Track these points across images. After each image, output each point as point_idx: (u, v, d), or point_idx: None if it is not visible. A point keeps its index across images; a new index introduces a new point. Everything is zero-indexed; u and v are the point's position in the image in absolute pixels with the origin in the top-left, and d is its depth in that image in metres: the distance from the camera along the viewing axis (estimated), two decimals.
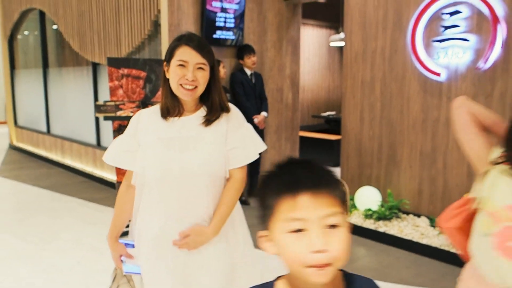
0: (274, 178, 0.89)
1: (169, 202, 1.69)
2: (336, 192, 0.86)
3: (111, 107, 3.99)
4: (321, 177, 0.86)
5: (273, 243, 0.89)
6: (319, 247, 0.81)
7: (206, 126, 1.70)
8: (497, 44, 3.80)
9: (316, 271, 0.82)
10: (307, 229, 0.83)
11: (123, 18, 5.34)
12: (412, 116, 4.43)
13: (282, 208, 0.84)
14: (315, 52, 8.55)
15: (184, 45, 1.66)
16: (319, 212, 0.82)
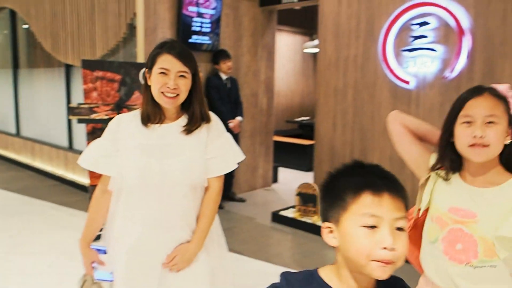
0: (353, 176, 0.96)
1: (147, 210, 1.67)
2: (406, 199, 0.95)
3: (85, 110, 3.97)
4: (397, 182, 0.96)
5: (336, 235, 0.96)
6: (389, 244, 0.89)
7: (187, 135, 1.70)
8: (462, 55, 3.97)
9: (380, 266, 0.89)
10: (379, 226, 0.90)
11: (98, 20, 5.31)
12: (383, 122, 4.57)
13: (361, 203, 0.92)
14: (290, 58, 8.68)
15: (166, 53, 1.64)
16: (394, 213, 0.91)
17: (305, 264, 3.76)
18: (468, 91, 1.41)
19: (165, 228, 1.68)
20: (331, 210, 0.97)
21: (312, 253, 4.00)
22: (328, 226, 0.98)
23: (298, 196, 4.68)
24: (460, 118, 1.36)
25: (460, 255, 1.36)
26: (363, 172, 0.97)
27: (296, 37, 8.73)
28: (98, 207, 1.77)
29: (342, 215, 0.95)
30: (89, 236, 1.79)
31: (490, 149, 1.32)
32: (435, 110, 4.21)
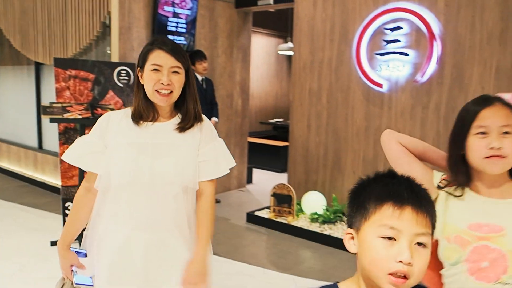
0: (378, 185, 0.94)
1: (136, 210, 1.60)
2: (432, 215, 0.92)
3: (58, 109, 3.89)
4: (424, 197, 0.93)
5: (356, 243, 0.95)
6: (406, 258, 0.86)
7: (180, 133, 1.65)
8: (433, 59, 4.09)
9: (393, 280, 0.87)
10: (398, 239, 0.88)
11: (70, 17, 5.21)
12: (356, 124, 4.66)
13: (381, 214, 0.90)
14: (264, 60, 8.72)
15: (157, 49, 1.60)
16: (415, 228, 0.88)
17: (281, 264, 3.79)
18: (477, 101, 1.34)
19: (154, 230, 1.60)
20: (355, 217, 0.96)
21: (288, 253, 4.04)
22: (349, 232, 0.98)
23: (273, 196, 4.71)
24: (472, 129, 1.30)
25: (488, 273, 1.27)
26: (391, 182, 0.94)
27: (270, 39, 8.79)
28: (80, 207, 1.69)
29: (363, 223, 0.93)
30: (69, 238, 1.69)
31: (507, 160, 1.27)
32: (406, 113, 4.33)
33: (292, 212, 4.63)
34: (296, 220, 4.63)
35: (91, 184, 1.65)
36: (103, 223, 1.63)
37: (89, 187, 1.66)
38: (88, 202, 1.67)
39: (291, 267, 3.75)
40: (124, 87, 4.52)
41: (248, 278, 3.53)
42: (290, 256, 3.98)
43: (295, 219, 4.63)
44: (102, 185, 1.62)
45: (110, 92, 4.45)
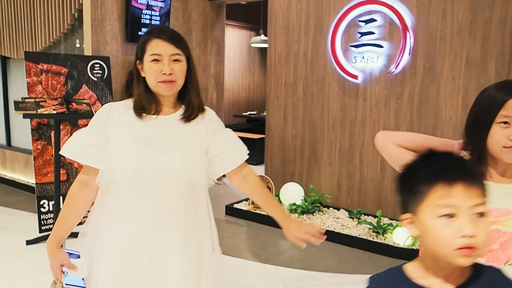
0: (425, 167, 0.97)
1: (140, 207, 1.52)
2: (483, 184, 0.94)
3: (31, 104, 3.77)
4: (470, 169, 0.95)
5: (416, 226, 0.98)
6: (469, 232, 0.89)
7: (184, 124, 1.58)
8: (406, 51, 4.20)
9: (462, 254, 0.90)
10: (457, 215, 0.90)
11: (39, 10, 5.05)
12: (332, 115, 4.73)
13: (435, 195, 0.92)
14: (236, 52, 8.70)
15: (155, 38, 1.52)
16: (471, 201, 0.90)
17: (262, 255, 3.83)
18: (503, 88, 1.32)
19: (157, 228, 1.52)
20: (408, 202, 0.99)
21: (268, 243, 4.08)
22: (407, 217, 1.00)
23: None
24: (497, 118, 1.30)
25: (498, 255, 1.31)
26: (435, 161, 0.97)
27: (242, 31, 8.77)
28: (74, 203, 1.58)
29: (419, 206, 0.96)
30: (60, 235, 1.58)
31: None
32: (380, 103, 4.43)
33: None
34: None
35: (88, 178, 1.56)
36: (104, 220, 1.55)
37: (86, 181, 1.57)
38: (84, 197, 1.58)
39: (273, 258, 3.79)
40: (98, 81, 4.43)
41: (232, 270, 3.55)
42: (271, 247, 4.02)
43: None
44: (103, 181, 1.54)
45: (84, 86, 4.35)
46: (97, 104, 4.42)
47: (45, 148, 4.18)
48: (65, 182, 4.24)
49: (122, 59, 4.89)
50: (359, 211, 4.47)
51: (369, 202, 4.56)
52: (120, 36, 4.81)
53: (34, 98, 3.89)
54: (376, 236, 4.05)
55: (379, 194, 4.49)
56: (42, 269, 3.45)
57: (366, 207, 4.56)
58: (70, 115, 3.90)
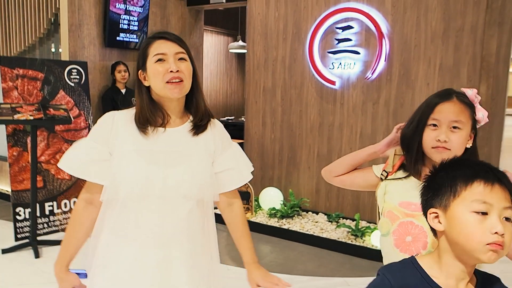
0: (461, 168, 1.02)
1: (146, 225, 1.43)
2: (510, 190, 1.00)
3: (6, 110, 3.70)
4: (504, 176, 1.01)
5: (442, 221, 1.02)
6: (500, 230, 0.94)
7: (193, 137, 1.49)
8: (382, 58, 4.30)
9: (492, 248, 0.95)
10: (489, 213, 0.96)
11: (14, 13, 4.96)
12: (310, 120, 4.80)
13: (473, 191, 0.98)
14: (214, 58, 8.72)
15: (157, 39, 1.46)
16: (504, 203, 0.97)
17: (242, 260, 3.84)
18: (438, 94, 1.44)
19: (164, 247, 1.44)
20: (438, 197, 1.04)
21: None
22: (433, 212, 1.05)
23: None
24: (429, 121, 1.41)
25: (410, 247, 1.41)
26: (473, 164, 1.04)
27: (219, 37, 8.80)
28: (81, 222, 1.50)
29: (452, 201, 1.01)
30: (68, 258, 1.51)
31: (452, 152, 1.38)
32: (357, 108, 4.52)
33: (250, 208, 4.70)
34: (254, 216, 4.70)
35: (92, 196, 1.48)
36: (108, 239, 1.47)
37: (90, 199, 1.49)
38: (89, 216, 1.49)
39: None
40: (75, 86, 4.39)
41: None
42: None
43: (253, 215, 4.71)
44: (107, 197, 1.44)
45: (61, 91, 4.30)
46: (75, 109, 4.37)
47: (21, 154, 4.11)
48: (41, 189, 4.16)
49: (100, 64, 4.85)
50: (338, 214, 4.54)
51: (347, 205, 4.64)
52: (98, 41, 4.77)
53: (10, 104, 3.82)
54: (355, 239, 4.13)
55: (357, 198, 4.57)
56: (18, 278, 3.39)
57: (344, 211, 4.64)
58: (47, 120, 3.84)
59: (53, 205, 4.27)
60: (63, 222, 4.30)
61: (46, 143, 4.21)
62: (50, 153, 4.22)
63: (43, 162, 4.17)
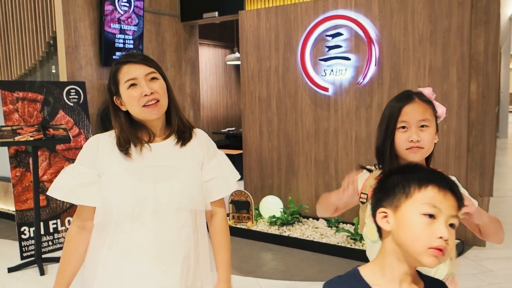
0: (415, 172, 1.06)
1: (141, 242, 1.43)
2: (459, 199, 1.03)
3: (8, 132, 3.82)
4: (456, 185, 1.05)
5: (391, 220, 1.04)
6: (445, 235, 0.96)
7: (181, 148, 1.50)
8: (372, 62, 4.37)
9: (433, 253, 0.97)
10: (437, 218, 0.99)
11: (13, 38, 5.11)
12: (306, 127, 4.87)
13: (426, 194, 1.01)
14: (212, 70, 8.85)
15: (124, 64, 1.45)
16: (452, 210, 1.00)
17: (244, 268, 3.89)
18: (400, 98, 1.50)
19: (161, 262, 1.44)
20: (389, 197, 1.05)
21: (249, 257, 4.15)
22: (383, 211, 1.06)
23: (231, 203, 4.82)
24: (398, 124, 1.47)
25: None
26: (427, 170, 1.09)
27: (217, 50, 8.93)
28: (74, 248, 1.49)
29: (404, 201, 1.02)
30: (64, 283, 1.51)
31: (425, 150, 1.46)
32: (351, 113, 4.58)
33: (251, 217, 4.75)
34: (255, 225, 4.76)
35: (84, 222, 1.49)
36: (106, 260, 1.46)
37: (82, 224, 1.49)
38: (83, 241, 1.50)
39: (254, 270, 3.86)
40: (74, 106, 4.50)
41: None
42: (252, 260, 4.09)
43: (254, 224, 4.76)
44: (99, 219, 1.45)
45: (60, 112, 4.42)
46: (74, 128, 4.48)
47: (23, 174, 4.21)
48: (45, 208, 4.26)
49: (98, 83, 4.97)
50: (337, 219, 4.58)
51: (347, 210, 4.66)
52: (94, 61, 4.90)
53: (11, 126, 3.94)
54: (354, 243, 4.16)
55: None
56: None
57: (343, 215, 4.65)
58: (47, 141, 3.95)
59: (57, 223, 4.36)
60: None
61: (48, 162, 4.32)
62: (52, 172, 4.33)
63: (45, 181, 4.27)
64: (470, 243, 4.21)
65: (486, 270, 3.71)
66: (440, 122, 1.61)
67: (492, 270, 3.71)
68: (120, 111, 1.49)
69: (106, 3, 4.77)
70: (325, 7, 4.60)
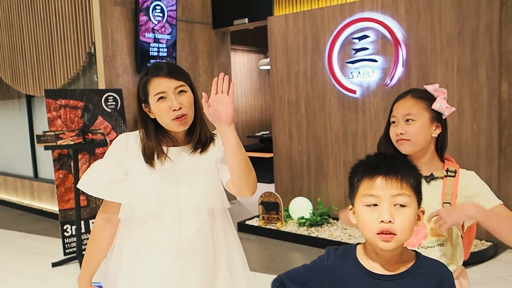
0: (360, 165, 1.15)
1: (163, 240, 1.53)
2: (405, 178, 1.07)
3: (51, 137, 4.12)
4: (394, 165, 1.09)
5: (355, 215, 1.14)
6: (385, 218, 1.03)
7: (201, 154, 1.59)
8: (399, 63, 4.38)
9: (382, 238, 1.04)
10: (379, 204, 1.06)
11: (57, 50, 5.47)
12: (334, 130, 4.92)
13: (362, 187, 1.10)
14: (246, 75, 9.02)
15: (153, 77, 1.51)
16: (389, 191, 1.05)
17: (271, 267, 3.99)
18: (398, 96, 1.63)
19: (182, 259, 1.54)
20: (350, 195, 1.16)
21: (278, 256, 4.25)
22: (351, 208, 1.16)
23: (261, 205, 4.93)
24: (390, 120, 1.60)
25: (411, 239, 1.48)
26: (368, 160, 1.14)
27: (250, 55, 9.10)
28: (99, 239, 1.59)
29: (354, 198, 1.14)
30: (90, 272, 1.61)
31: (412, 142, 1.53)
32: (379, 115, 4.59)
33: (280, 218, 4.85)
34: (284, 226, 4.85)
35: (110, 214, 1.59)
36: (131, 255, 1.56)
37: (108, 217, 1.59)
38: (108, 233, 1.60)
39: (281, 269, 3.95)
40: (112, 111, 4.77)
41: None
42: (279, 259, 4.19)
43: (283, 224, 4.85)
44: (125, 216, 1.55)
45: (99, 117, 4.69)
46: (112, 133, 4.74)
47: (66, 176, 4.51)
48: (85, 207, 4.54)
49: (134, 90, 5.24)
50: None
51: None
52: (130, 69, 5.17)
53: (54, 131, 4.23)
54: None
55: None
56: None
57: None
58: (86, 144, 4.22)
59: None
60: None
61: (88, 165, 4.60)
62: None
63: None
64: (504, 246, 4.12)
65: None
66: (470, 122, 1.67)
67: None
68: (148, 118, 1.57)
69: (141, 14, 5.03)
70: (352, 10, 4.65)
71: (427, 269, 1.10)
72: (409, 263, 1.11)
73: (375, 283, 1.10)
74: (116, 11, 5.01)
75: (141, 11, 5.03)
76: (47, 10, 5.54)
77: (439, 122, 1.59)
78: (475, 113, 4.07)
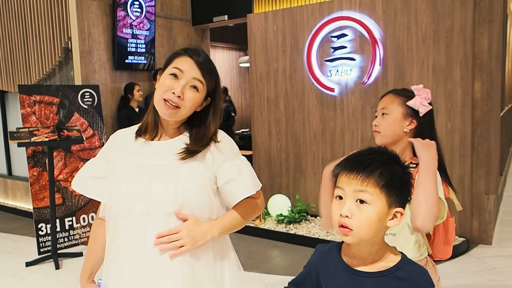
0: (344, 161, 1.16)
1: (131, 243, 1.36)
2: (373, 175, 1.07)
3: (25, 134, 4.03)
4: (361, 163, 1.09)
5: None
6: (343, 212, 1.06)
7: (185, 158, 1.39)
8: (377, 62, 4.43)
9: (341, 231, 1.07)
10: (344, 198, 1.09)
11: (32, 45, 5.36)
12: (313, 127, 4.95)
13: (338, 179, 1.12)
14: (226, 73, 9.00)
15: (186, 56, 1.39)
16: (351, 186, 1.08)
17: (249, 264, 4.00)
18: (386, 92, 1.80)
19: (148, 270, 1.34)
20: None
21: (256, 253, 4.26)
22: None
23: None
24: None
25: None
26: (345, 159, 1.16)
27: (230, 52, 9.08)
28: (97, 237, 1.54)
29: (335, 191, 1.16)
30: (89, 270, 1.56)
31: (382, 134, 1.69)
32: (357, 113, 4.64)
33: (259, 216, 4.86)
34: (263, 223, 4.86)
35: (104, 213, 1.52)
36: (107, 254, 1.45)
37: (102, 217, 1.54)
38: (103, 232, 1.49)
39: (259, 266, 3.97)
40: (88, 108, 4.70)
41: None
42: (258, 256, 4.20)
43: (262, 222, 4.87)
44: (102, 213, 1.49)
45: (75, 114, 4.62)
46: (89, 130, 4.68)
47: (40, 174, 4.42)
48: (61, 206, 4.47)
49: (111, 86, 5.17)
50: None
51: None
52: (108, 65, 5.10)
53: (28, 128, 4.15)
54: None
55: None
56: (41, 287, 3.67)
57: None
58: (61, 141, 4.15)
59: (73, 220, 4.56)
60: (82, 236, 4.58)
61: (64, 162, 4.52)
62: (67, 172, 4.53)
63: (61, 180, 4.47)
64: (476, 241, 4.22)
65: (490, 267, 3.73)
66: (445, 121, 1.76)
67: (496, 267, 3.72)
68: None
69: (119, 9, 4.96)
70: (330, 9, 4.68)
71: (407, 273, 1.09)
72: (390, 264, 1.11)
73: (352, 278, 1.11)
74: (93, 5, 4.94)
75: (118, 6, 4.97)
76: (21, 2, 5.42)
77: (414, 118, 1.67)
78: (449, 111, 4.15)
